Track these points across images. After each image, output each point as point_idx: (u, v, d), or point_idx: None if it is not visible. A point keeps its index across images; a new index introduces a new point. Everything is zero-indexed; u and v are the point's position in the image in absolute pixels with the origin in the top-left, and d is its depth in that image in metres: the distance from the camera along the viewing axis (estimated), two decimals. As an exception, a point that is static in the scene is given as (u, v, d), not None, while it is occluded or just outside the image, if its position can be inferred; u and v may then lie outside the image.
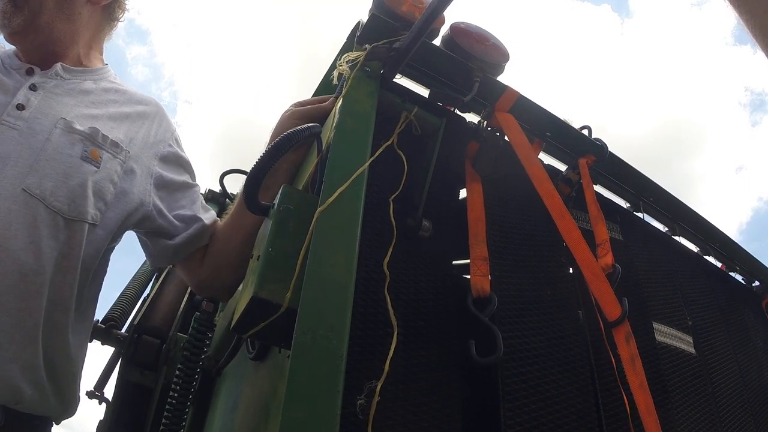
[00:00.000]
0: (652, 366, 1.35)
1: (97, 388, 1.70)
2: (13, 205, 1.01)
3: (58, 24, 1.22)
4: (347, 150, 1.04)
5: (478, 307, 1.12)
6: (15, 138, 1.06)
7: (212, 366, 1.59)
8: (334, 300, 0.84)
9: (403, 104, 1.24)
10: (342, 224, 0.93)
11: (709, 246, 1.92)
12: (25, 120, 1.09)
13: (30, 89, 1.13)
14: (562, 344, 1.20)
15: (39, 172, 1.05)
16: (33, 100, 1.12)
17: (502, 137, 1.32)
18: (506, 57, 1.40)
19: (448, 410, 1.00)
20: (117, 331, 1.70)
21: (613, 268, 1.28)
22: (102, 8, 1.34)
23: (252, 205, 1.02)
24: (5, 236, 0.99)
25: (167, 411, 1.44)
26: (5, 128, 1.07)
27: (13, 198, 1.01)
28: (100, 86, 1.27)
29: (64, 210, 1.07)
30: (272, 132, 1.33)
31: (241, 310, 0.93)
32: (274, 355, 1.14)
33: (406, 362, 0.98)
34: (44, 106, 1.13)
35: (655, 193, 1.72)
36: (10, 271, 0.99)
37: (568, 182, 1.47)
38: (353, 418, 0.84)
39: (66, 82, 1.21)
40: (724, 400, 1.54)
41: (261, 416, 1.06)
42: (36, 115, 1.11)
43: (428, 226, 1.16)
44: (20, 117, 1.09)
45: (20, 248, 1.01)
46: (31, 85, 1.14)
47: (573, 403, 1.13)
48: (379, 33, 1.22)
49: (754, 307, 2.02)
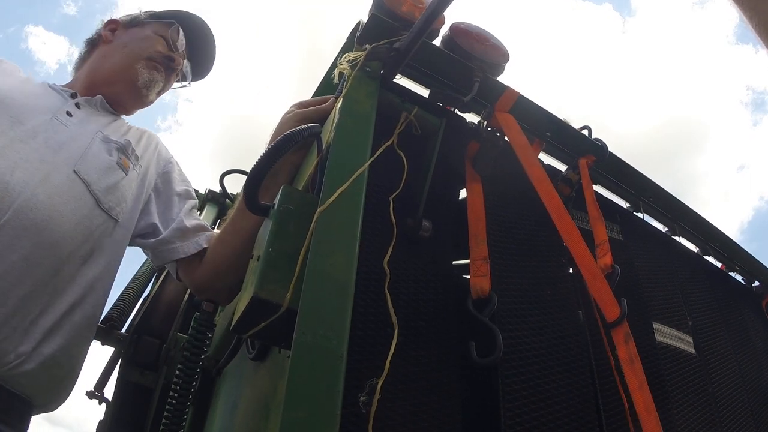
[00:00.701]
0: (652, 366, 1.35)
1: (97, 388, 1.69)
2: (66, 179, 1.18)
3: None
4: (347, 150, 1.04)
5: (478, 307, 1.12)
6: (66, 132, 1.25)
7: (212, 366, 1.58)
8: (334, 300, 0.84)
9: (403, 104, 1.24)
10: (342, 224, 0.93)
11: (709, 246, 1.92)
12: (74, 123, 1.30)
13: (75, 105, 1.36)
14: (562, 344, 1.20)
15: (86, 163, 1.24)
16: (78, 113, 1.34)
17: (502, 137, 1.32)
18: (506, 57, 1.40)
19: (448, 410, 1.00)
20: (117, 331, 1.70)
21: (612, 268, 1.28)
22: None
23: (252, 205, 1.02)
24: (59, 201, 1.15)
25: (167, 411, 1.44)
26: (58, 124, 1.26)
27: (67, 174, 1.19)
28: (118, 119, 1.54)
29: (101, 199, 1.25)
30: (272, 133, 1.34)
31: (241, 310, 0.93)
32: (274, 355, 1.14)
33: (406, 362, 0.98)
34: (85, 120, 1.35)
35: (655, 193, 1.72)
36: (52, 234, 1.12)
37: (568, 182, 1.47)
38: (353, 418, 0.84)
39: (100, 110, 1.45)
40: (724, 400, 1.54)
41: (261, 416, 1.06)
42: (80, 123, 1.32)
43: (428, 226, 1.16)
44: (70, 121, 1.30)
45: (67, 214, 1.16)
46: (76, 102, 1.37)
47: (573, 403, 1.13)
48: (379, 33, 1.22)
49: (754, 307, 2.02)
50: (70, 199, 1.17)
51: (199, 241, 1.41)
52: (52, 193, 1.14)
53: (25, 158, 1.13)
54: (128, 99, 1.54)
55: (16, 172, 1.09)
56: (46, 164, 1.16)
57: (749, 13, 0.48)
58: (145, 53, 1.53)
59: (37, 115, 1.23)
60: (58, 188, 1.15)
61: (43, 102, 1.29)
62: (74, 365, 1.21)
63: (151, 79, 1.52)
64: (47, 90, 1.38)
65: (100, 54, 1.55)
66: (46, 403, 1.19)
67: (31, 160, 1.14)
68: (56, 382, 1.17)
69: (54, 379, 1.16)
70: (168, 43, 1.58)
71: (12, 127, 1.16)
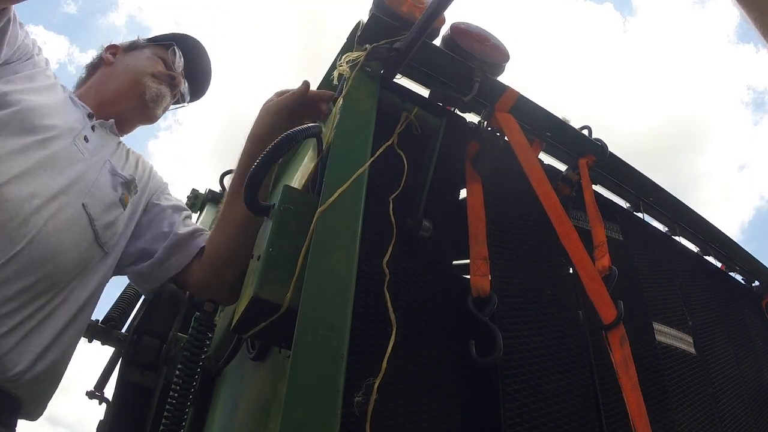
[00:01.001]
0: (652, 366, 1.35)
1: (97, 388, 1.69)
2: (74, 213, 1.23)
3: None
4: (347, 150, 1.05)
5: (478, 306, 1.12)
6: (82, 162, 1.30)
7: (212, 366, 1.59)
8: (335, 300, 0.84)
9: (403, 104, 1.24)
10: (342, 224, 0.93)
11: (709, 246, 1.92)
12: (89, 151, 1.34)
13: (91, 129, 1.39)
14: (562, 344, 1.20)
15: (93, 197, 1.29)
16: (93, 138, 1.37)
17: (502, 137, 1.33)
18: (506, 57, 1.40)
19: (448, 410, 1.00)
20: (117, 331, 1.70)
21: (610, 270, 1.28)
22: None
23: (252, 205, 1.02)
24: (66, 236, 1.19)
25: (167, 411, 1.44)
26: (77, 152, 1.30)
27: (76, 208, 1.24)
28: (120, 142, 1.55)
29: (99, 234, 1.29)
30: (253, 124, 1.37)
31: (242, 310, 0.93)
32: (275, 355, 1.14)
33: (406, 362, 0.98)
34: (98, 146, 1.38)
35: (655, 193, 1.72)
36: (56, 267, 1.16)
37: (568, 182, 1.47)
38: (354, 418, 0.84)
39: (110, 134, 1.48)
40: (724, 399, 1.54)
41: (261, 416, 1.06)
42: (93, 151, 1.35)
43: (428, 226, 1.16)
44: (86, 147, 1.33)
45: (71, 248, 1.21)
46: (92, 125, 1.39)
47: (573, 403, 1.13)
48: (380, 33, 1.23)
49: (754, 307, 2.02)
50: (74, 233, 1.22)
51: (197, 243, 1.42)
52: (62, 227, 1.19)
53: (44, 187, 1.17)
54: (137, 115, 1.57)
55: (35, 200, 1.14)
56: (62, 196, 1.21)
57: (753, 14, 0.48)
58: (149, 70, 1.58)
59: (61, 138, 1.27)
60: (68, 222, 1.20)
61: (66, 122, 1.31)
62: (58, 380, 1.27)
63: (159, 92, 1.56)
64: (70, 106, 1.39)
65: (103, 74, 1.59)
66: (30, 412, 1.25)
67: (49, 190, 1.18)
68: (42, 396, 1.24)
69: (41, 394, 1.23)
70: (167, 64, 1.63)
71: (37, 150, 1.19)
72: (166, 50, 1.65)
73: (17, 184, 1.12)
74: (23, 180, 1.14)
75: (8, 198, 1.10)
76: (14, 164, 1.14)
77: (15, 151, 1.15)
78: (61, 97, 1.39)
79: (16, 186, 1.12)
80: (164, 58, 1.63)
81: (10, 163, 1.13)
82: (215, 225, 1.42)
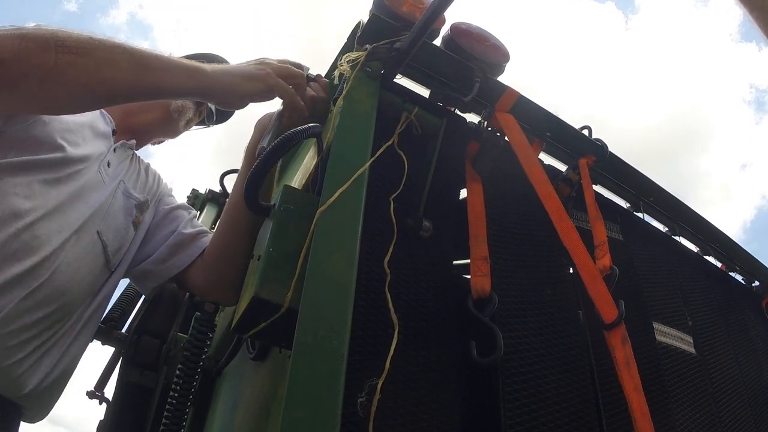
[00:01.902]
0: (652, 366, 1.35)
1: (97, 388, 1.70)
2: (90, 240, 1.23)
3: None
4: (348, 150, 1.05)
5: (478, 306, 1.12)
6: (103, 189, 1.29)
7: (212, 366, 1.59)
8: (335, 300, 0.84)
9: (403, 104, 1.24)
10: (343, 224, 0.93)
11: (709, 246, 1.92)
12: (109, 177, 1.33)
13: (113, 151, 1.37)
14: (563, 344, 1.21)
15: (107, 223, 1.28)
16: (113, 162, 1.35)
17: (503, 137, 1.33)
18: (506, 57, 1.40)
19: (448, 410, 1.00)
20: (117, 331, 1.70)
21: (611, 270, 1.28)
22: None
23: (252, 205, 1.02)
24: (82, 265, 1.20)
25: (167, 411, 1.44)
26: (100, 180, 1.29)
27: (92, 234, 1.23)
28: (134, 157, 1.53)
29: (110, 259, 1.29)
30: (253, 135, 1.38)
31: (242, 310, 0.93)
32: (275, 356, 1.14)
33: (407, 362, 0.98)
34: (116, 168, 1.37)
35: (655, 193, 1.72)
36: (72, 296, 1.18)
37: (568, 182, 1.47)
38: (354, 418, 0.84)
39: (127, 151, 1.46)
40: (724, 399, 1.54)
41: (261, 416, 1.06)
42: (112, 174, 1.34)
43: (429, 226, 1.16)
44: (107, 173, 1.32)
45: (86, 276, 1.22)
46: (114, 147, 1.37)
47: (573, 403, 1.13)
48: (380, 33, 1.23)
49: (754, 307, 2.02)
50: (89, 260, 1.23)
51: (201, 243, 1.42)
52: (79, 256, 1.19)
53: (71, 220, 1.18)
54: (159, 127, 1.56)
55: (61, 235, 1.14)
56: (84, 225, 1.21)
57: (756, 13, 0.48)
58: None
59: (90, 168, 1.26)
60: (84, 250, 1.21)
61: (95, 148, 1.30)
62: (64, 387, 1.28)
63: (183, 104, 1.55)
64: (100, 122, 1.37)
65: None
66: (33, 416, 1.26)
67: (74, 223, 1.18)
68: (47, 403, 1.26)
69: (47, 402, 1.25)
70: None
71: (68, 182, 1.19)
72: None
73: (49, 219, 1.12)
74: (54, 215, 1.14)
75: (38, 235, 1.09)
76: (49, 198, 1.13)
77: (49, 184, 1.14)
78: (94, 113, 1.36)
79: (47, 221, 1.12)
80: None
81: (46, 196, 1.13)
82: (218, 225, 1.42)
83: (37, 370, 1.14)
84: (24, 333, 1.08)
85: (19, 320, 1.06)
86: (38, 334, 1.12)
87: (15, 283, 1.05)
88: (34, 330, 1.10)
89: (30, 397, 1.16)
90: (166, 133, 1.61)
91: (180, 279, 1.42)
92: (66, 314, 1.19)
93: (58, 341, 1.19)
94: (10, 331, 1.05)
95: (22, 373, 1.11)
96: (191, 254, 1.40)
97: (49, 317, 1.13)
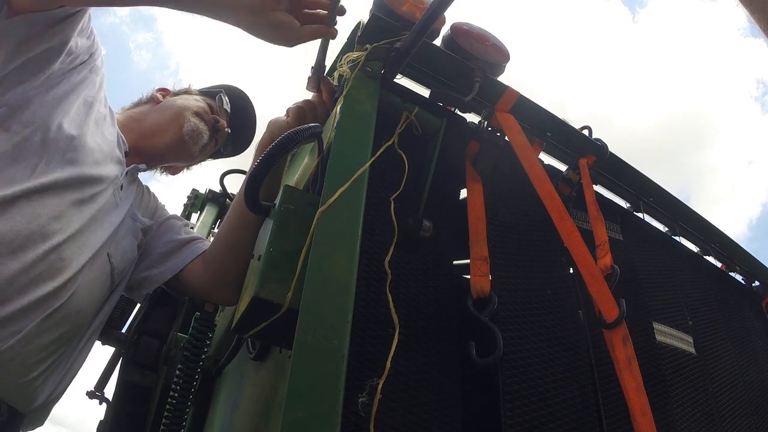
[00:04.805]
0: (652, 366, 1.35)
1: (98, 388, 1.70)
2: (101, 262, 1.25)
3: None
4: (348, 150, 1.04)
5: (478, 307, 1.12)
6: (116, 212, 1.31)
7: (213, 366, 1.59)
8: (335, 300, 0.84)
9: (403, 104, 1.24)
10: (343, 224, 0.93)
11: (709, 246, 1.92)
12: (122, 200, 1.34)
13: (125, 175, 1.37)
14: (562, 344, 1.21)
15: (115, 245, 1.29)
16: (125, 185, 1.36)
17: (503, 137, 1.33)
18: (506, 57, 1.40)
19: (448, 410, 1.00)
20: (117, 331, 1.70)
21: (612, 269, 1.28)
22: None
23: (253, 205, 1.02)
24: (95, 287, 1.22)
25: (167, 411, 1.44)
26: (114, 203, 1.30)
27: (103, 257, 1.25)
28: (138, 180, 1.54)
29: (115, 280, 1.31)
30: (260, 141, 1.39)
31: (242, 310, 0.93)
32: (275, 355, 1.14)
33: (407, 362, 0.98)
34: (126, 191, 1.38)
35: (655, 193, 1.72)
36: (84, 316, 1.21)
37: (569, 182, 1.47)
38: (354, 418, 0.84)
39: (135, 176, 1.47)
40: (724, 399, 1.54)
41: (261, 416, 1.06)
42: (124, 198, 1.36)
43: (429, 226, 1.16)
44: (120, 196, 1.33)
45: (96, 296, 1.24)
46: (127, 171, 1.38)
47: (573, 402, 1.13)
48: (380, 33, 1.23)
49: (754, 307, 2.02)
50: (100, 282, 1.25)
51: (195, 248, 1.43)
52: (93, 278, 1.22)
53: (90, 243, 1.20)
54: (172, 150, 1.54)
55: (82, 257, 1.16)
56: (99, 248, 1.23)
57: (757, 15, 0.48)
58: (193, 108, 1.58)
59: (107, 190, 1.28)
60: (96, 271, 1.23)
61: (111, 171, 1.31)
62: (63, 393, 1.29)
63: (197, 128, 1.53)
64: (116, 147, 1.36)
65: (150, 108, 1.60)
66: (34, 422, 1.27)
67: (93, 246, 1.20)
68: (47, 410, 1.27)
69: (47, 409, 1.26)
70: (212, 109, 1.65)
71: (89, 204, 1.20)
72: (214, 98, 1.67)
73: (73, 241, 1.14)
74: (77, 237, 1.15)
75: (64, 257, 1.11)
76: (73, 220, 1.15)
77: (73, 206, 1.15)
78: (110, 130, 1.35)
79: (72, 243, 1.13)
80: (211, 104, 1.65)
81: (71, 218, 1.14)
82: (225, 221, 1.42)
83: (47, 385, 1.17)
84: (41, 352, 1.10)
85: (38, 340, 1.08)
86: (53, 352, 1.14)
87: (38, 304, 1.06)
88: (50, 348, 1.13)
89: (38, 410, 1.19)
90: (179, 158, 1.59)
91: (175, 284, 1.42)
92: (77, 332, 1.21)
93: (67, 356, 1.22)
94: (29, 350, 1.07)
95: (36, 388, 1.13)
96: (185, 258, 1.40)
97: (63, 336, 1.15)
